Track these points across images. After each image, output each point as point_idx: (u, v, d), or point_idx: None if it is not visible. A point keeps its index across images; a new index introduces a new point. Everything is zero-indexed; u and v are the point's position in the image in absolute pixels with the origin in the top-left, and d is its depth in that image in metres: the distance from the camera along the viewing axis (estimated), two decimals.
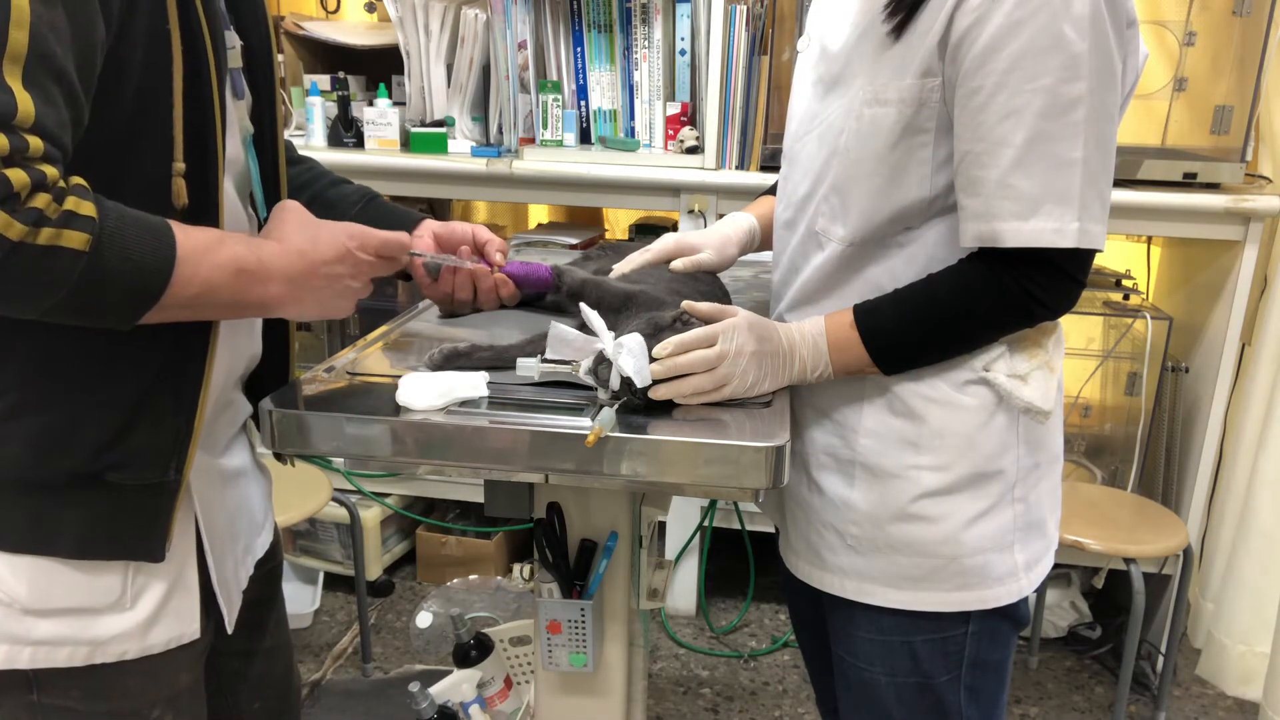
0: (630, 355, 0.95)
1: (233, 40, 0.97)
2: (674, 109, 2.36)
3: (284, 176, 1.08)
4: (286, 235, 0.93)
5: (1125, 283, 2.51)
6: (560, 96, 2.39)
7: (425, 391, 0.97)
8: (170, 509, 0.93)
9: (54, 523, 0.90)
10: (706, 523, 2.54)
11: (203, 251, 0.83)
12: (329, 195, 1.20)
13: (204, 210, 0.88)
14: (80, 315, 0.79)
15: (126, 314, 0.81)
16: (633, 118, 2.40)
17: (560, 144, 2.40)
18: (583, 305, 1.03)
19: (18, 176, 0.71)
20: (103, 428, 0.89)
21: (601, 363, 0.97)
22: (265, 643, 1.20)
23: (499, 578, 2.69)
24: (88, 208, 0.75)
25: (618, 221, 3.20)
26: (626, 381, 0.95)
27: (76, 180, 0.76)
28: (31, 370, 0.87)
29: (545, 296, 1.26)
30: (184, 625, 0.98)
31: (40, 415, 0.88)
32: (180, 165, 0.86)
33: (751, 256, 1.33)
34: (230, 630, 1.04)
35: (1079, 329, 2.50)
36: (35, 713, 0.94)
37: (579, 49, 2.38)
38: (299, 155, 1.22)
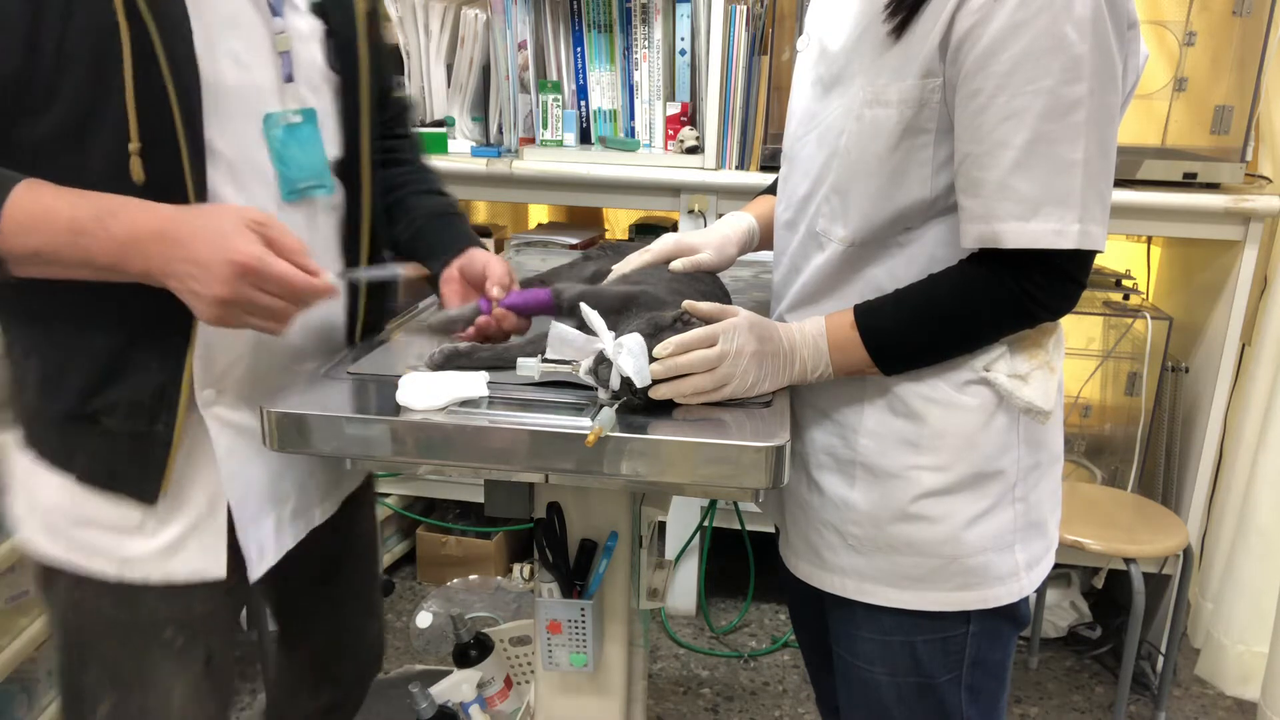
0: (630, 355, 0.95)
1: (280, 25, 1.03)
2: (674, 109, 2.35)
3: (365, 156, 1.13)
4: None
5: (1125, 283, 2.51)
6: (560, 96, 2.38)
7: (425, 391, 0.97)
8: (163, 458, 1.01)
9: (70, 448, 1.03)
10: (706, 523, 2.54)
11: (41, 213, 0.88)
12: (410, 202, 1.27)
13: (167, 185, 0.93)
14: None
15: None
16: (633, 118, 2.40)
17: (560, 144, 2.40)
18: (583, 305, 1.03)
19: None
20: (85, 375, 0.99)
21: (601, 363, 0.97)
22: (342, 594, 1.35)
23: (499, 578, 2.69)
24: None
25: (618, 221, 3.20)
26: (626, 381, 0.95)
27: None
28: (23, 319, 1.01)
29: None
30: (208, 563, 1.07)
31: (37, 358, 1.00)
32: (135, 145, 0.92)
33: (752, 256, 1.33)
34: (253, 577, 1.10)
35: (1079, 329, 2.50)
36: (77, 611, 1.08)
37: (579, 49, 2.38)
38: (415, 159, 1.30)
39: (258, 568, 1.10)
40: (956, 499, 1.04)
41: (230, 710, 1.20)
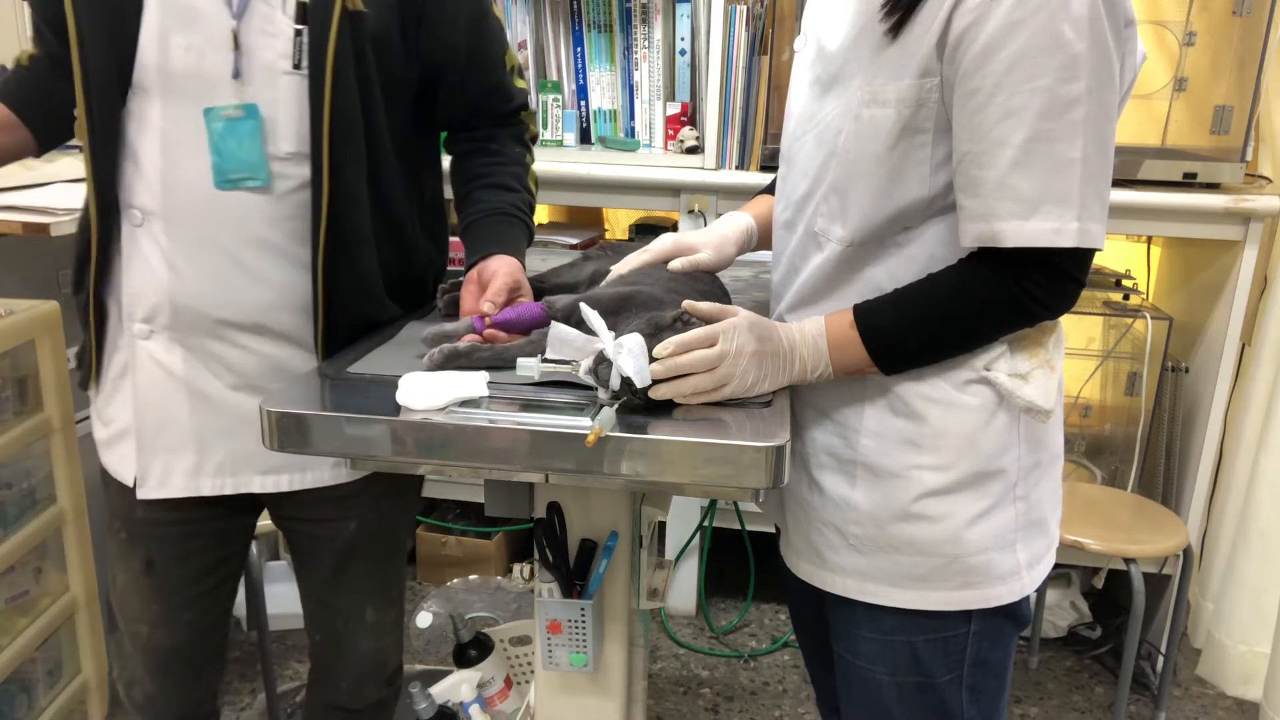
0: (630, 355, 0.95)
1: (233, 25, 1.14)
2: (674, 109, 2.36)
3: (326, 144, 1.17)
4: None
5: (1125, 283, 2.51)
6: (560, 96, 2.39)
7: (425, 391, 0.97)
8: (90, 362, 1.27)
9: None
10: (706, 523, 2.54)
11: None
12: (474, 195, 1.34)
13: (89, 145, 1.17)
14: None
15: None
16: (633, 118, 2.40)
17: (560, 144, 2.40)
18: (583, 305, 1.03)
19: None
20: (73, 278, 1.26)
21: (602, 362, 0.97)
22: (329, 597, 1.41)
23: (499, 578, 2.70)
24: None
25: (618, 221, 3.20)
26: (626, 381, 0.95)
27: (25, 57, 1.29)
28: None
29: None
30: (124, 468, 1.28)
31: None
32: (80, 110, 1.16)
33: (751, 256, 1.33)
34: (139, 495, 1.26)
35: (1079, 329, 2.50)
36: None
37: (579, 49, 2.38)
38: (505, 149, 1.37)
39: (152, 490, 1.26)
40: (958, 498, 1.04)
41: (180, 618, 1.34)
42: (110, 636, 1.37)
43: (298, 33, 1.15)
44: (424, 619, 2.47)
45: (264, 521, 1.41)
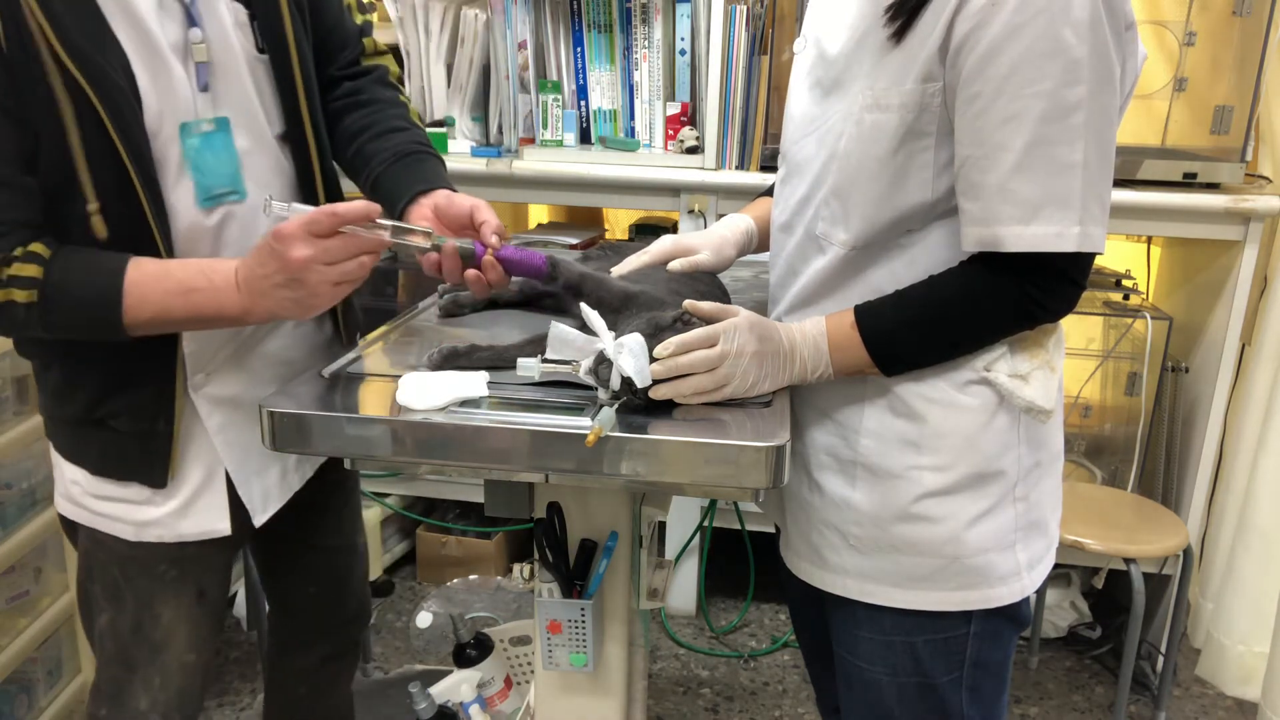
0: (631, 355, 0.95)
1: (198, 35, 1.07)
2: (674, 109, 2.36)
3: (305, 111, 1.17)
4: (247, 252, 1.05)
5: (1125, 283, 2.51)
6: (560, 96, 2.39)
7: (425, 391, 0.97)
8: (166, 451, 1.14)
9: (83, 447, 1.17)
10: (706, 523, 2.54)
11: (152, 281, 1.02)
12: (367, 149, 1.26)
13: (132, 236, 1.04)
14: (67, 336, 1.06)
15: (101, 335, 1.04)
16: (633, 118, 2.40)
17: (560, 144, 2.40)
18: (583, 305, 1.03)
19: None
20: (93, 386, 1.12)
21: (602, 362, 0.97)
22: (324, 541, 1.43)
23: (499, 578, 2.70)
24: (30, 269, 0.98)
25: (618, 221, 3.20)
26: (627, 381, 0.95)
27: (27, 249, 0.99)
28: (47, 339, 1.10)
29: (539, 286, 1.24)
30: (213, 522, 1.20)
31: (54, 372, 1.14)
32: (93, 205, 1.02)
33: (751, 257, 1.33)
34: (257, 524, 1.24)
35: (1079, 329, 2.50)
36: (94, 548, 1.22)
37: (579, 49, 2.38)
38: (376, 96, 1.29)
39: (261, 515, 1.25)
40: (958, 499, 1.04)
41: (214, 635, 1.31)
42: (131, 677, 1.23)
43: (252, 17, 1.12)
44: (424, 619, 2.47)
45: None
